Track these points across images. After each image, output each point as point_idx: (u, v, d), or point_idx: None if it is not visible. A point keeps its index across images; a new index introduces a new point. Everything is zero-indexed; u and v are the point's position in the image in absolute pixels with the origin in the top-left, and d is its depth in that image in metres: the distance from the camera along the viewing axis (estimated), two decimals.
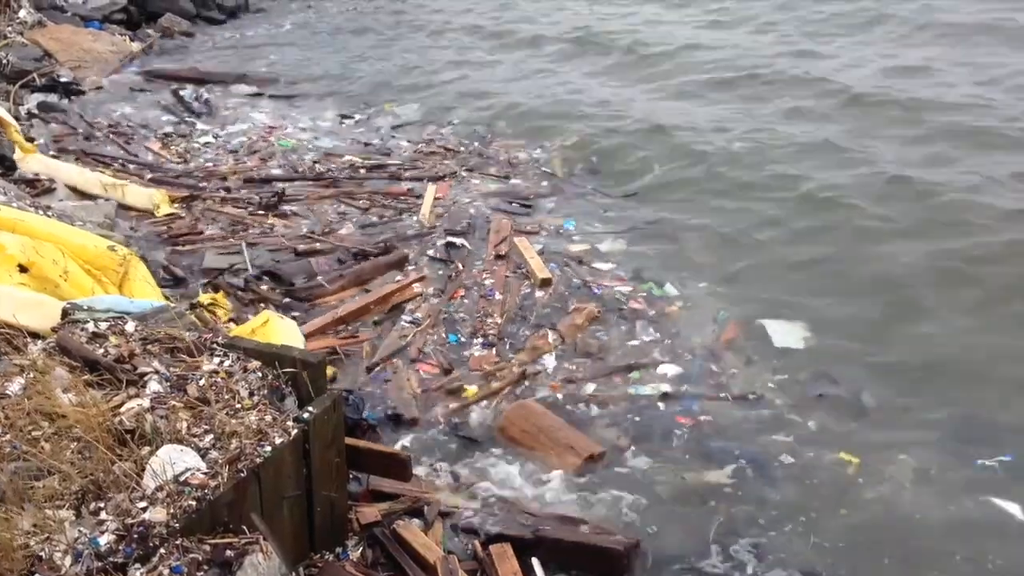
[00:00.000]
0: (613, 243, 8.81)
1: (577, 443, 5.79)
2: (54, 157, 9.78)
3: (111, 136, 11.60)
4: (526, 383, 6.61)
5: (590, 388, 6.55)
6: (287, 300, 7.60)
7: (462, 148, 11.72)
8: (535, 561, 4.76)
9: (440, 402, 6.40)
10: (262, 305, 7.29)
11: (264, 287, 7.69)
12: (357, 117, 13.18)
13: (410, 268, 8.32)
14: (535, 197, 10.08)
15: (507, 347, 7.09)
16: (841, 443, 5.90)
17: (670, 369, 6.74)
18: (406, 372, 6.75)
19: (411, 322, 7.43)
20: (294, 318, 7.07)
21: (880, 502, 5.43)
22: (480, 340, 7.16)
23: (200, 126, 12.45)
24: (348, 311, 7.42)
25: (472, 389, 6.51)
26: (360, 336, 7.19)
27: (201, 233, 8.87)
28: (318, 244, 8.72)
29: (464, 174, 10.80)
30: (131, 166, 10.61)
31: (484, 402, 6.41)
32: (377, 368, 6.78)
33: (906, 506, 5.40)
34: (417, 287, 7.95)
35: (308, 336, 6.88)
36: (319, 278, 7.95)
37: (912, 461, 5.74)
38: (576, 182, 10.51)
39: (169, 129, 12.17)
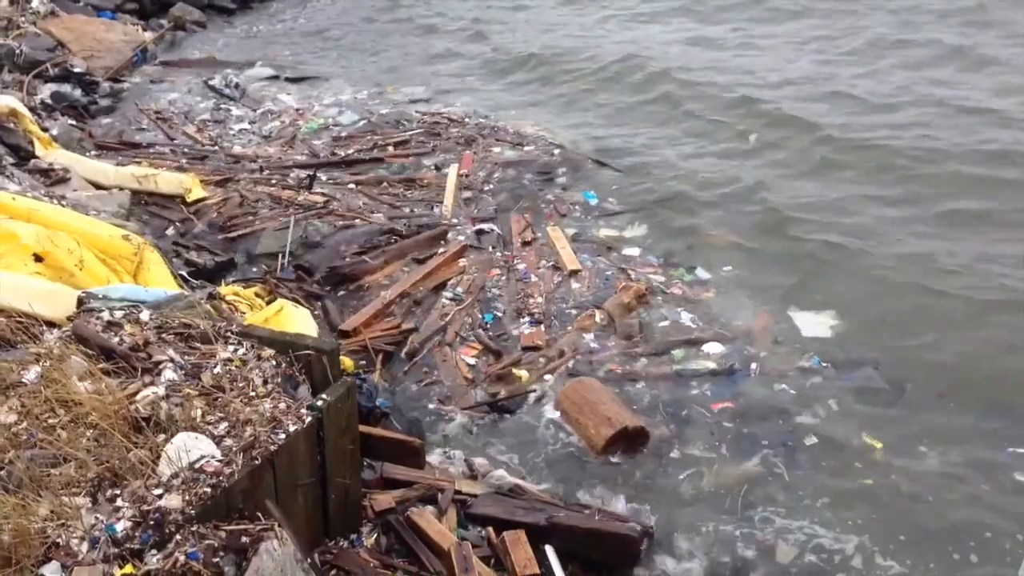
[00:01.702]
0: (636, 228, 8.84)
1: (616, 416, 5.89)
2: (95, 156, 9.88)
3: (157, 122, 11.72)
4: (574, 361, 6.72)
5: (635, 367, 6.68)
6: (341, 294, 7.69)
7: (467, 120, 11.78)
8: (548, 548, 4.77)
9: (491, 387, 6.54)
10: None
11: (315, 286, 7.74)
12: (367, 93, 13.28)
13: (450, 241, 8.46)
14: (549, 169, 10.15)
15: (555, 325, 7.21)
16: (867, 428, 6.00)
17: (713, 348, 6.87)
18: (454, 357, 6.83)
19: (452, 299, 7.52)
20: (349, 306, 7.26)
21: (903, 482, 5.56)
22: (527, 319, 7.23)
23: (236, 112, 12.59)
24: (395, 294, 7.47)
25: (524, 374, 6.61)
26: (401, 324, 7.22)
27: (255, 214, 8.96)
28: (357, 220, 8.82)
29: (481, 140, 10.98)
30: (168, 151, 10.73)
31: (549, 376, 6.57)
32: (422, 354, 6.87)
33: (930, 485, 5.52)
34: (463, 261, 8.08)
35: (356, 330, 6.97)
36: (364, 257, 8.05)
37: (938, 445, 5.84)
38: (586, 155, 10.50)
39: (207, 116, 12.32)
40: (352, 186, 9.80)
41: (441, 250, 8.21)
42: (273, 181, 9.86)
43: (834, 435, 5.97)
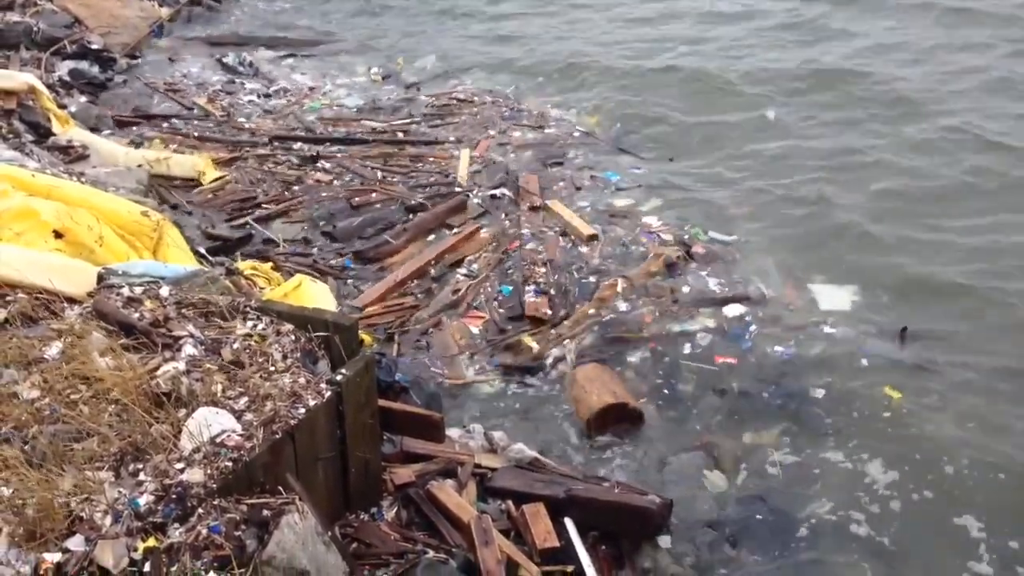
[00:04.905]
0: (652, 201, 8.80)
1: (620, 392, 5.95)
2: (109, 135, 9.90)
3: (167, 93, 11.71)
4: (596, 328, 6.76)
5: (648, 330, 6.73)
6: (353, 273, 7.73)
7: (486, 100, 11.69)
8: (568, 521, 4.78)
9: (498, 356, 6.60)
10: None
11: (332, 262, 7.79)
12: (377, 69, 13.19)
13: (469, 217, 8.48)
14: (569, 150, 10.07)
15: (571, 294, 7.22)
16: (887, 381, 6.08)
17: (732, 311, 6.90)
18: (450, 327, 6.86)
19: (466, 275, 7.54)
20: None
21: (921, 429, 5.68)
22: (532, 288, 7.22)
23: (249, 85, 12.56)
24: (408, 273, 7.48)
25: (532, 344, 6.63)
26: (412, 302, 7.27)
27: (255, 197, 8.93)
28: (373, 195, 8.80)
29: (501, 122, 10.90)
30: (179, 122, 10.73)
31: (568, 341, 6.62)
32: (428, 325, 6.93)
33: (948, 433, 5.64)
34: (484, 233, 8.09)
35: (368, 306, 7.02)
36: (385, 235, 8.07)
37: (959, 402, 5.91)
38: (610, 140, 10.41)
39: (219, 88, 12.31)
40: (358, 162, 9.72)
41: (456, 229, 8.19)
42: (280, 158, 9.81)
43: (850, 390, 6.05)
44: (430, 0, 16.62)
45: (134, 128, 10.48)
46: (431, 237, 8.16)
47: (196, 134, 10.41)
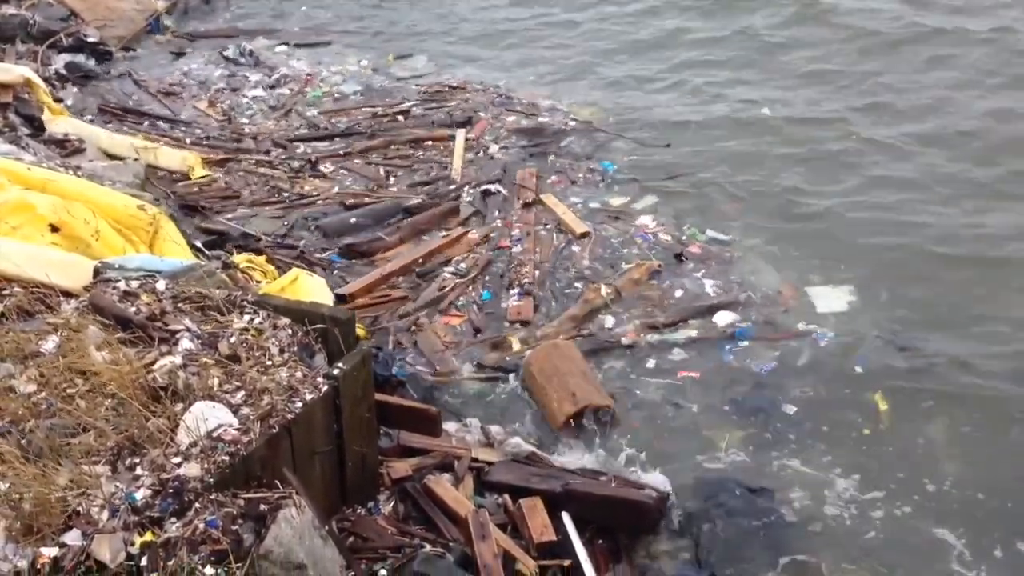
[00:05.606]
0: (647, 199, 8.69)
1: (580, 392, 5.73)
2: (90, 121, 9.81)
3: (158, 96, 11.60)
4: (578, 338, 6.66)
5: (626, 336, 6.64)
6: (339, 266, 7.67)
7: (470, 86, 11.65)
8: (565, 515, 4.79)
9: (481, 354, 6.52)
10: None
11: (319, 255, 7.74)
12: (366, 62, 13.15)
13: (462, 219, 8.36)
14: (564, 137, 9.97)
15: (557, 295, 7.16)
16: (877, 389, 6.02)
17: (724, 318, 6.82)
18: (431, 327, 6.79)
19: (454, 273, 7.46)
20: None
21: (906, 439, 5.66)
22: (517, 290, 7.15)
23: (253, 78, 12.41)
24: (397, 266, 7.44)
25: (517, 344, 6.57)
26: (398, 294, 7.22)
27: (239, 195, 8.80)
28: (367, 198, 8.72)
29: (492, 108, 10.80)
30: (165, 125, 10.62)
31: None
32: (409, 320, 6.86)
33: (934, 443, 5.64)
34: (473, 235, 7.98)
35: (354, 294, 6.98)
36: (380, 233, 8.02)
37: (949, 411, 5.84)
38: (607, 126, 10.36)
39: (222, 85, 12.17)
40: (357, 162, 9.58)
41: (443, 234, 8.08)
42: (275, 163, 9.64)
43: (840, 400, 6.01)
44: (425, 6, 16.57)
45: (110, 124, 10.35)
46: (424, 238, 8.06)
47: (189, 140, 10.16)
